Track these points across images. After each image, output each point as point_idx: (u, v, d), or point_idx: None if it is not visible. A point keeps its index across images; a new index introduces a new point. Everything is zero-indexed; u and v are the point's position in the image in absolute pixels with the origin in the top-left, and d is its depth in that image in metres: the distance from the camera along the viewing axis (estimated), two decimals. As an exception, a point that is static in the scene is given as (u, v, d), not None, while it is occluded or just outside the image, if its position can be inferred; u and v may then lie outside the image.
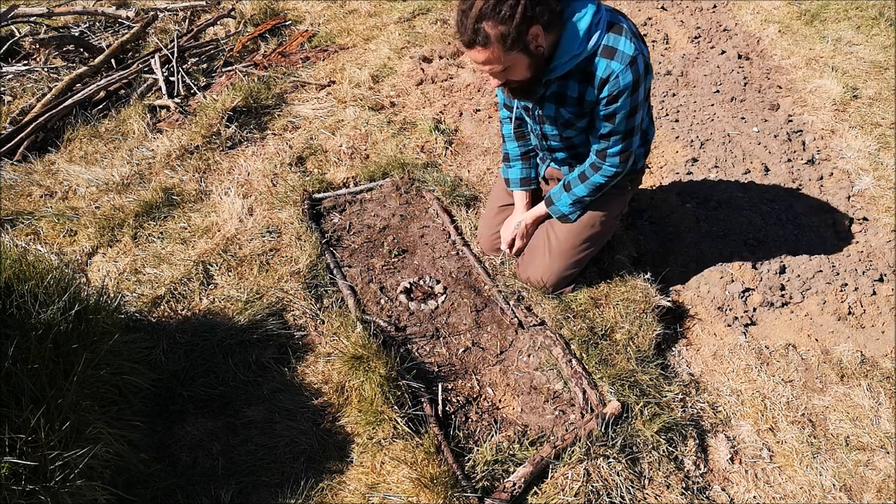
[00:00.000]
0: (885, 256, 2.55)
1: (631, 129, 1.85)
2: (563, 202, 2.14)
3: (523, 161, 2.30)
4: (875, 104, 3.43)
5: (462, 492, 1.66)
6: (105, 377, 1.74)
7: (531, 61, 1.70)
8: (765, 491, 1.85)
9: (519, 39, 1.62)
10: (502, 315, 2.26)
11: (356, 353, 1.98)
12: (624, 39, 1.69)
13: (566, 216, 2.18)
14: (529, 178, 2.32)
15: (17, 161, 3.24)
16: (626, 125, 1.83)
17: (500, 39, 1.61)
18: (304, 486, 1.75)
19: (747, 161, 3.08)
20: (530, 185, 2.34)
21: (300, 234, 2.55)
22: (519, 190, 2.34)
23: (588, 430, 1.80)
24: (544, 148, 2.18)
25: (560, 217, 2.19)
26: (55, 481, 1.41)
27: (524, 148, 2.28)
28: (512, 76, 1.75)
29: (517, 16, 1.57)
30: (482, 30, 1.60)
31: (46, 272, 1.71)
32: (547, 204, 2.21)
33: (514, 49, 1.64)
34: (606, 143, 1.90)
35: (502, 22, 1.58)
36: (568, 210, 2.15)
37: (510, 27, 1.58)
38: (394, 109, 3.59)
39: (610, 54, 1.69)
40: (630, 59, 1.69)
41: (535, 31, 1.63)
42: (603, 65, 1.71)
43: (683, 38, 4.15)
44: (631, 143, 1.89)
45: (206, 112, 3.42)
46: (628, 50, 1.69)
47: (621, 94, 1.74)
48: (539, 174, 2.34)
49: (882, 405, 2.07)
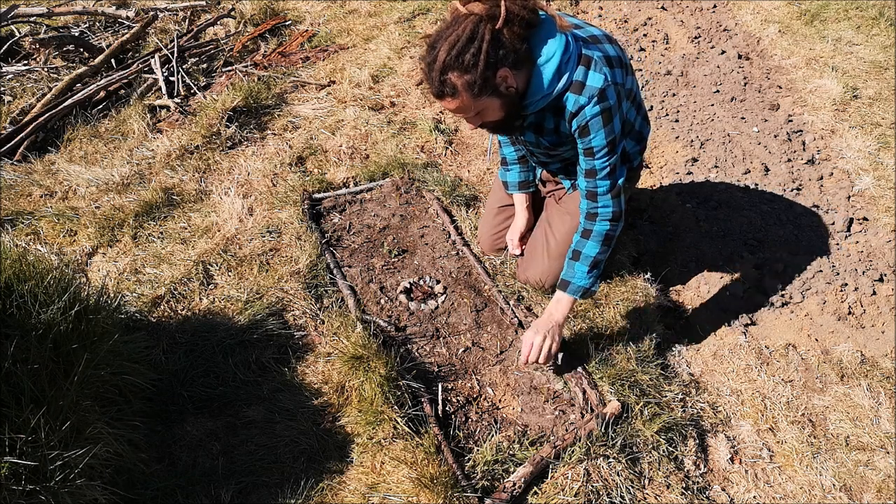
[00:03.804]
0: (885, 256, 2.55)
1: (614, 166, 1.81)
2: (580, 275, 1.91)
3: (521, 164, 2.29)
4: (875, 104, 3.43)
5: (462, 492, 1.66)
6: (105, 377, 1.74)
7: (503, 101, 1.69)
8: (765, 491, 1.85)
9: (486, 85, 1.61)
10: (502, 315, 2.26)
11: (356, 353, 1.98)
12: (593, 73, 1.67)
13: (588, 290, 1.92)
14: (528, 180, 2.31)
15: (17, 161, 3.24)
16: (606, 160, 1.79)
17: (468, 87, 1.61)
18: (304, 486, 1.75)
19: (747, 161, 3.08)
20: (529, 188, 2.33)
21: (300, 234, 2.55)
22: (518, 193, 2.33)
23: (588, 429, 1.80)
24: (536, 163, 2.19)
25: (583, 294, 1.93)
26: (55, 481, 1.41)
27: (521, 152, 2.26)
28: (487, 118, 1.75)
29: (480, 63, 1.56)
30: (448, 81, 1.60)
31: (46, 272, 1.71)
32: (563, 287, 1.94)
33: (484, 94, 1.63)
34: (593, 181, 1.84)
35: (467, 71, 1.58)
36: (587, 282, 1.91)
37: (475, 75, 1.58)
38: (394, 109, 3.59)
39: (578, 89, 1.68)
40: (598, 91, 1.67)
41: (504, 74, 1.62)
42: (572, 100, 1.70)
43: (683, 38, 4.15)
44: (616, 179, 1.84)
45: (206, 112, 3.42)
46: (596, 83, 1.67)
47: (592, 126, 1.72)
48: (536, 176, 2.34)
49: (882, 405, 2.07)
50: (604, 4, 4.61)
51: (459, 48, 1.56)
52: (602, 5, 4.61)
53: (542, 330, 1.89)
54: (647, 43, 4.14)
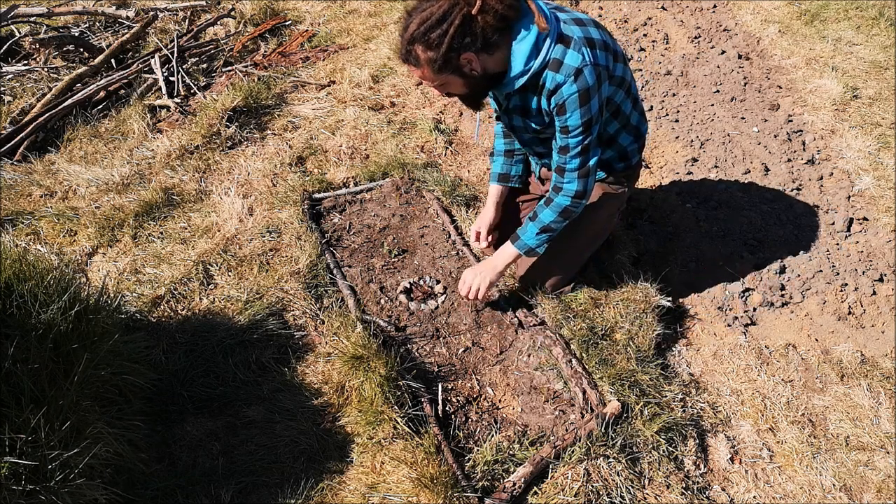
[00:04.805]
0: (885, 256, 2.55)
1: (587, 146, 1.82)
2: (530, 233, 2.01)
3: (506, 157, 2.31)
4: (875, 104, 3.43)
5: (462, 492, 1.66)
6: (105, 377, 1.74)
7: (465, 81, 1.76)
8: (765, 491, 1.85)
9: (447, 64, 1.68)
10: (502, 315, 2.26)
11: (356, 353, 1.98)
12: (571, 52, 1.69)
13: (533, 249, 2.03)
14: (508, 174, 2.33)
15: (17, 161, 3.24)
16: (580, 139, 1.81)
17: (429, 62, 1.69)
18: (304, 486, 1.75)
19: (747, 161, 3.08)
20: (508, 182, 2.34)
21: (300, 234, 2.55)
22: (495, 184, 2.34)
23: (588, 429, 1.80)
24: (531, 153, 2.19)
25: (527, 252, 2.04)
26: (55, 481, 1.41)
27: (510, 146, 2.28)
28: (450, 90, 1.82)
29: (444, 45, 1.63)
30: (413, 52, 1.69)
31: (46, 272, 1.71)
32: (513, 241, 2.06)
33: (444, 72, 1.71)
34: (564, 157, 1.87)
35: (430, 48, 1.66)
36: (534, 242, 2.01)
37: (438, 54, 1.65)
38: (394, 109, 3.59)
39: (556, 67, 1.70)
40: (575, 70, 1.68)
41: (468, 57, 1.68)
42: (549, 77, 1.72)
43: (683, 38, 4.14)
44: (587, 159, 1.86)
45: (206, 112, 3.42)
46: (573, 62, 1.68)
47: (568, 105, 1.74)
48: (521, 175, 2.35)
49: (882, 405, 2.07)
50: (604, 4, 4.61)
51: (428, 26, 1.63)
52: (602, 5, 4.61)
53: (479, 272, 2.09)
54: (647, 43, 4.14)
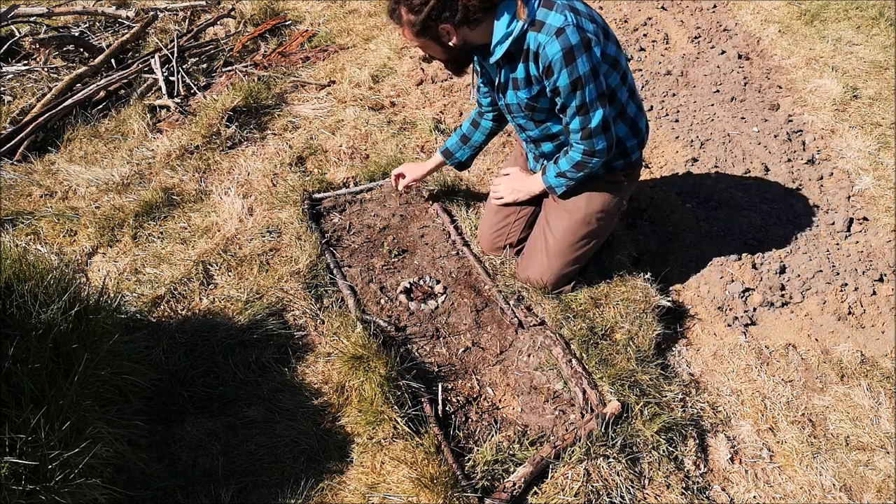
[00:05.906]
0: (885, 256, 2.55)
1: (583, 104, 1.84)
2: (550, 174, 2.14)
3: (461, 140, 2.43)
4: (875, 104, 3.43)
5: (462, 492, 1.66)
6: (105, 377, 1.74)
7: (443, 49, 1.86)
8: (765, 491, 1.85)
9: (425, 31, 1.79)
10: (502, 315, 2.26)
11: (356, 353, 1.98)
12: (553, 13, 1.73)
13: (552, 187, 2.17)
14: (454, 153, 2.45)
15: (17, 161, 3.24)
16: (576, 99, 1.83)
17: (410, 25, 1.79)
18: (304, 486, 1.75)
19: (747, 161, 3.08)
20: (450, 158, 2.47)
21: (300, 234, 2.55)
22: (438, 155, 2.49)
23: (588, 429, 1.80)
24: (529, 141, 2.21)
25: (548, 187, 2.18)
26: (55, 481, 1.41)
27: (470, 133, 2.39)
28: (430, 54, 1.93)
29: (423, 13, 1.73)
30: (398, 10, 1.79)
31: (46, 272, 1.71)
32: (542, 172, 2.22)
33: (423, 37, 1.82)
34: (566, 118, 1.93)
35: (412, 12, 1.76)
36: (554, 182, 2.14)
37: (417, 19, 1.75)
38: (394, 109, 3.59)
39: (538, 27, 1.75)
40: (556, 29, 1.71)
41: (446, 28, 1.78)
42: (531, 38, 1.77)
43: (683, 38, 4.14)
44: (590, 119, 1.88)
45: (206, 112, 3.42)
46: (556, 22, 1.72)
47: (553, 64, 1.76)
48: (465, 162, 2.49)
49: (882, 405, 2.07)
50: (604, 4, 4.61)
51: None
52: (602, 5, 4.61)
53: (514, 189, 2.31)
54: (647, 43, 4.14)
